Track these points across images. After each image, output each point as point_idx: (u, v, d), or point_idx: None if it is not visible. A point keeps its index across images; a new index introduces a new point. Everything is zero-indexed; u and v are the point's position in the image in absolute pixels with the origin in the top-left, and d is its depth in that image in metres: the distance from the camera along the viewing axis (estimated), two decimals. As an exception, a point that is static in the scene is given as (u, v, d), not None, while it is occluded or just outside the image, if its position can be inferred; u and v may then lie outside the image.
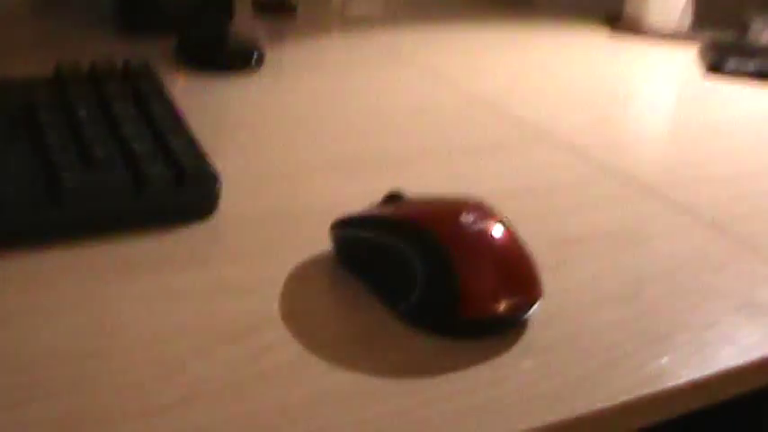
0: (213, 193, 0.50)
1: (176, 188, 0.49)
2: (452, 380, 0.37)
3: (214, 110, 0.66)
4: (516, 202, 0.54)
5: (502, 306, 0.40)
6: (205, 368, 0.37)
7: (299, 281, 0.44)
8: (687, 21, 1.02)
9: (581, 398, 0.37)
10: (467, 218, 0.41)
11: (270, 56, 0.80)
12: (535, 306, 0.41)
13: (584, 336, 0.41)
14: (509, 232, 0.42)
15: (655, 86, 0.82)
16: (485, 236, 0.41)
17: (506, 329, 0.41)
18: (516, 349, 0.40)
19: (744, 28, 0.99)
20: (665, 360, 0.40)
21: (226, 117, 0.65)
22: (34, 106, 0.54)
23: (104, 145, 0.50)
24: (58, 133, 0.51)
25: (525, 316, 0.41)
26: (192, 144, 0.52)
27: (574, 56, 0.89)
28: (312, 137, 0.62)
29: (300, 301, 0.42)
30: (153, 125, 0.53)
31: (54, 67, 0.58)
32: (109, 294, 0.42)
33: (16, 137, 0.52)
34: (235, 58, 0.78)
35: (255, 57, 0.79)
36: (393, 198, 0.46)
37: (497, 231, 0.41)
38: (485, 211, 0.43)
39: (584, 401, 0.36)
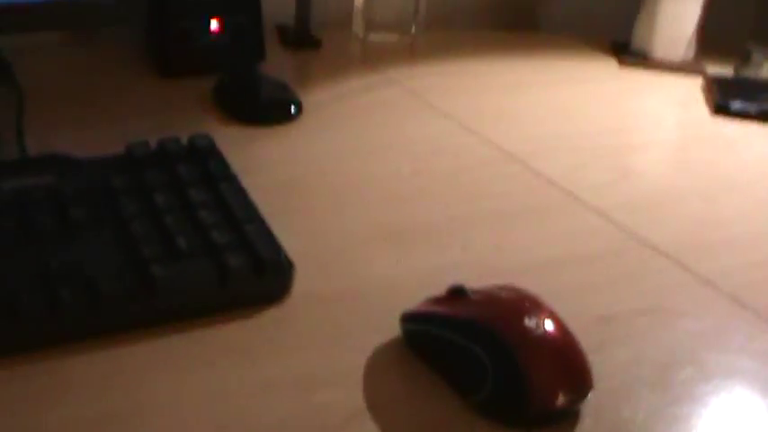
0: (288, 280, 0.56)
1: (256, 277, 0.54)
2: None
3: (264, 169, 0.71)
4: (554, 274, 0.60)
5: (562, 399, 0.46)
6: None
7: (376, 371, 0.50)
8: (692, 51, 1.08)
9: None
10: (529, 321, 0.47)
11: (302, 101, 0.84)
12: (587, 396, 0.47)
13: (629, 424, 0.47)
14: (562, 328, 0.48)
15: (667, 131, 0.88)
16: (545, 336, 0.47)
17: (563, 418, 0.47)
18: (573, 440, 0.46)
19: (746, 57, 1.05)
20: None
21: (276, 177, 0.71)
22: (113, 192, 0.59)
23: (186, 235, 0.56)
24: (141, 223, 0.56)
25: (579, 405, 0.48)
26: (264, 230, 0.58)
27: (589, 93, 0.95)
28: (358, 203, 0.68)
29: (381, 393, 0.48)
30: (227, 210, 0.58)
31: (125, 147, 0.63)
32: (209, 389, 0.47)
33: (101, 224, 0.57)
34: (274, 109, 0.83)
35: (294, 109, 0.84)
36: (456, 292, 0.51)
37: (553, 329, 0.48)
38: (541, 309, 0.49)
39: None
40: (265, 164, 0.73)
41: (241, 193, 0.61)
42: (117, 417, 0.45)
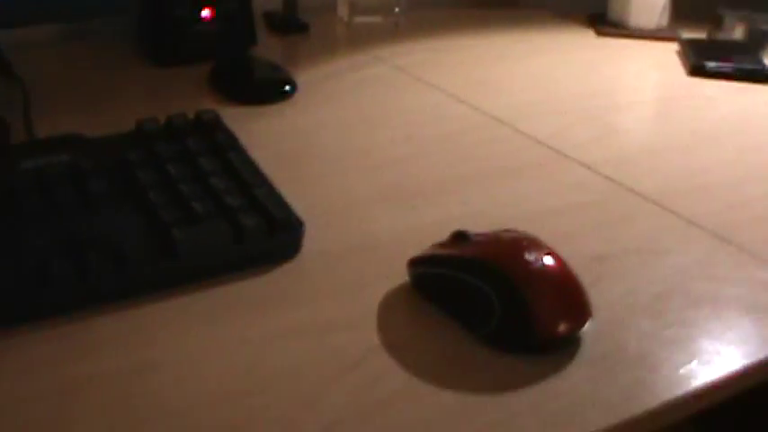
0: (299, 238, 0.59)
1: (269, 236, 0.58)
2: (532, 393, 0.47)
3: (265, 143, 0.75)
4: (548, 222, 0.64)
5: (564, 327, 0.50)
6: (337, 397, 0.46)
7: (387, 313, 0.53)
8: (666, 18, 1.12)
9: (634, 401, 0.47)
10: (529, 255, 0.51)
11: (295, 80, 0.88)
12: (587, 324, 0.51)
13: (627, 347, 0.51)
14: (561, 262, 0.52)
15: (646, 92, 0.92)
16: (546, 269, 0.51)
17: (565, 345, 0.51)
18: (576, 362, 0.50)
19: (717, 22, 1.10)
20: (693, 364, 0.50)
21: (277, 149, 0.74)
22: (128, 165, 0.62)
23: (201, 200, 0.59)
24: (158, 192, 0.60)
25: (580, 333, 0.51)
26: (274, 193, 0.61)
27: (569, 61, 0.99)
28: (358, 168, 0.71)
29: (393, 331, 0.52)
30: (236, 177, 0.62)
31: (135, 123, 0.66)
32: (233, 337, 0.51)
33: (119, 195, 0.60)
34: (270, 89, 0.87)
35: (289, 87, 0.87)
36: (459, 236, 0.55)
37: (553, 263, 0.51)
38: (539, 246, 0.52)
39: (637, 404, 0.47)
40: (266, 138, 0.76)
41: (248, 160, 0.64)
42: (145, 368, 0.48)
